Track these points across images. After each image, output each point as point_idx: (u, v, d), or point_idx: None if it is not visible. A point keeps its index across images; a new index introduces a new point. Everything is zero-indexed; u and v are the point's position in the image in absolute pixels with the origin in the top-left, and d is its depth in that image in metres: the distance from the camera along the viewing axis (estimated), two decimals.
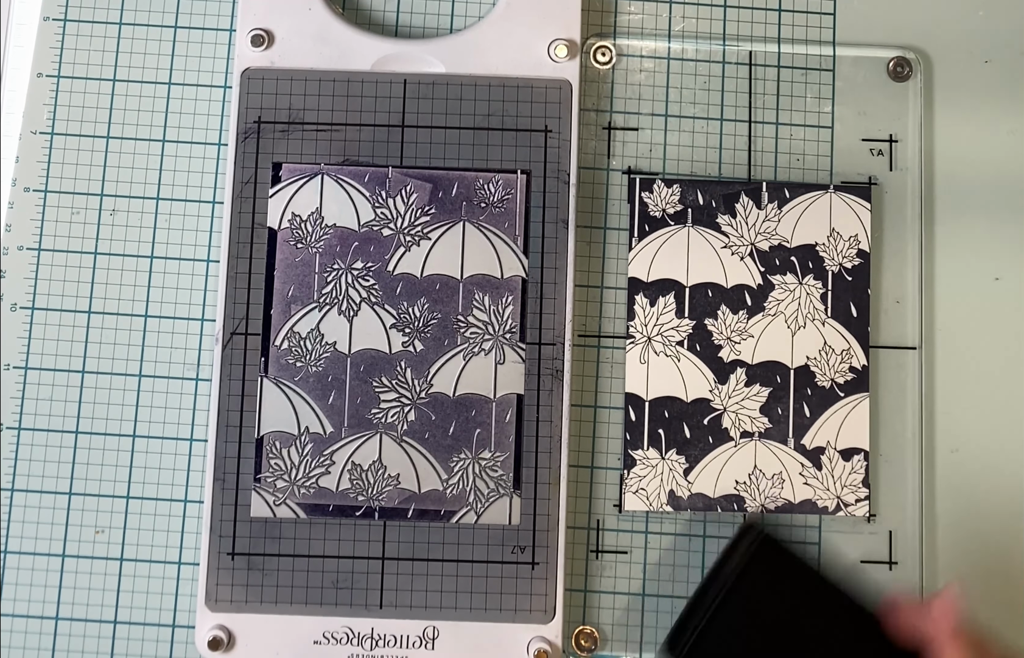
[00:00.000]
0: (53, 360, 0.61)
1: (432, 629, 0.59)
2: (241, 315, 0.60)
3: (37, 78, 0.64)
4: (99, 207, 0.63)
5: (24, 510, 0.60)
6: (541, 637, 0.58)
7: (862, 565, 0.61)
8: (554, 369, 0.60)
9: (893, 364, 0.62)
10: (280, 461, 0.59)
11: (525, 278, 0.61)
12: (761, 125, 0.64)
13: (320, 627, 0.58)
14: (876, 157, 0.63)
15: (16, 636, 0.59)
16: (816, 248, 0.62)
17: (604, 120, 0.64)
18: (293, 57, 0.62)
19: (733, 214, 0.62)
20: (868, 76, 0.64)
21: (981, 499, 0.62)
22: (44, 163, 0.63)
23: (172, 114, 0.63)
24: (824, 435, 0.61)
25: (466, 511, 0.59)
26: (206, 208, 0.63)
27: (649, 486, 0.60)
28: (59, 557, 0.60)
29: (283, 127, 0.61)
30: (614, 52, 0.64)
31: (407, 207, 0.61)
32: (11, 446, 0.61)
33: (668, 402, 0.61)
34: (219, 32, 0.64)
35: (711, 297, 0.62)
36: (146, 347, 0.62)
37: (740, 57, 0.64)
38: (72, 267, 0.62)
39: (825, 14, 0.65)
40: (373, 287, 0.61)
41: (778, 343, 0.61)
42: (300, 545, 0.59)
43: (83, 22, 0.64)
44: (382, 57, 0.62)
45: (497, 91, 0.62)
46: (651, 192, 0.62)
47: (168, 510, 0.60)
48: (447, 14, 0.65)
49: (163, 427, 0.61)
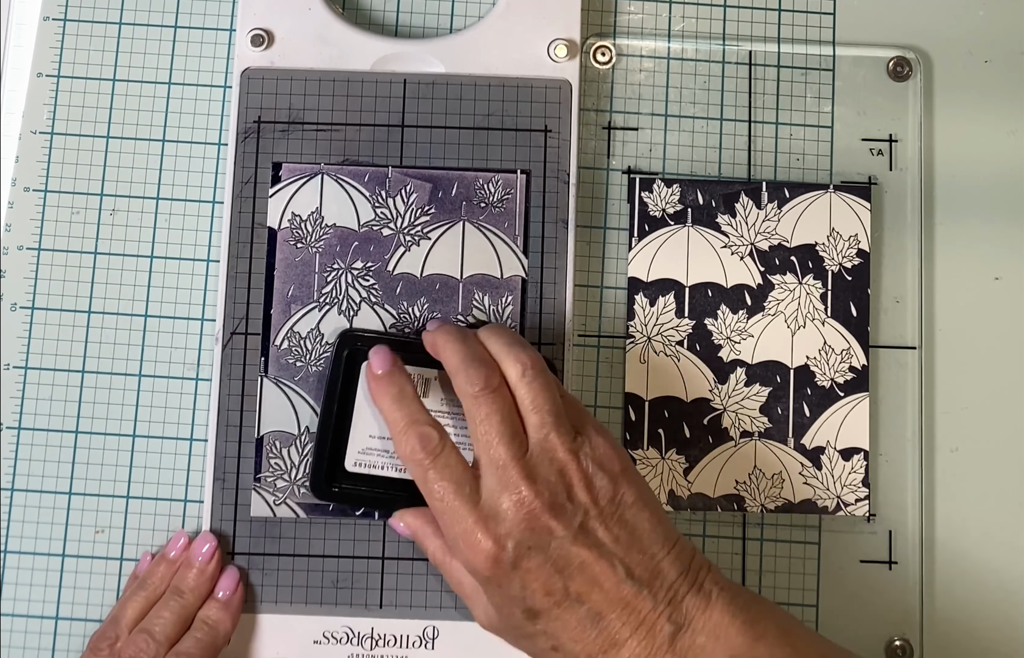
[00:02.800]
0: (53, 360, 0.61)
1: (432, 629, 0.59)
2: (241, 315, 0.60)
3: (37, 78, 0.64)
4: (99, 207, 0.63)
5: (24, 510, 0.60)
6: None
7: (862, 565, 0.61)
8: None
9: (893, 364, 0.62)
10: (280, 461, 0.59)
11: (525, 278, 0.61)
12: (761, 125, 0.64)
13: (320, 627, 0.58)
14: (876, 157, 0.63)
15: (16, 636, 0.59)
16: (816, 248, 0.62)
17: (604, 120, 0.64)
18: (293, 57, 0.62)
19: (733, 214, 0.62)
20: (868, 76, 0.64)
21: (981, 499, 0.62)
22: (44, 163, 0.63)
23: (172, 114, 0.63)
24: (824, 435, 0.61)
25: None
26: (206, 208, 0.63)
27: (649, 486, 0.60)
28: (59, 557, 0.60)
29: (283, 127, 0.61)
30: (614, 52, 0.64)
31: (407, 207, 0.61)
32: (11, 446, 0.61)
33: (668, 402, 0.61)
34: (219, 32, 0.64)
35: (711, 297, 0.62)
36: (146, 347, 0.62)
37: (740, 57, 0.64)
38: (72, 267, 0.62)
39: (825, 14, 0.65)
40: (373, 287, 0.60)
41: (778, 343, 0.61)
42: (300, 545, 0.59)
43: (83, 22, 0.64)
44: (382, 57, 0.62)
45: (497, 91, 0.62)
46: (651, 192, 0.62)
47: (168, 510, 0.60)
48: (447, 14, 0.65)
49: (163, 427, 0.61)
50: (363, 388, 0.57)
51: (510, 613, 0.52)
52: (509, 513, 0.51)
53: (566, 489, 0.51)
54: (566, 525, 0.51)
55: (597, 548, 0.51)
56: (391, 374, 0.55)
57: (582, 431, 0.53)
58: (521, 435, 0.52)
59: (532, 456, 0.52)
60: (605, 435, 0.53)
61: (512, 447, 0.51)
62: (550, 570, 0.50)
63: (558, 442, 0.52)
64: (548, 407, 0.52)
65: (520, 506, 0.50)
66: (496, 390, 0.52)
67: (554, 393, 0.53)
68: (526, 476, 0.51)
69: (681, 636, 0.50)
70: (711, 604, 0.51)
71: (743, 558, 0.61)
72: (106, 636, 0.56)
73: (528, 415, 0.52)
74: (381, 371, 0.55)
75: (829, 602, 0.60)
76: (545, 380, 0.53)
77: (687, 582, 0.51)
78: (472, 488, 0.52)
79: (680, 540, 0.52)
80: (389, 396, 0.54)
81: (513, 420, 0.52)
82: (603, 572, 0.50)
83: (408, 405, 0.54)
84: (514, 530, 0.50)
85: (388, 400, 0.54)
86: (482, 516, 0.51)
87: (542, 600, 0.51)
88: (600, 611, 0.50)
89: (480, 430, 0.52)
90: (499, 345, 0.54)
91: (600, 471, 0.52)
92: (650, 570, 0.51)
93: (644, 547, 0.51)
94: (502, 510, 0.51)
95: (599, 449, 0.52)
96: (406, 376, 0.55)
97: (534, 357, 0.53)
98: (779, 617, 0.52)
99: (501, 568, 0.51)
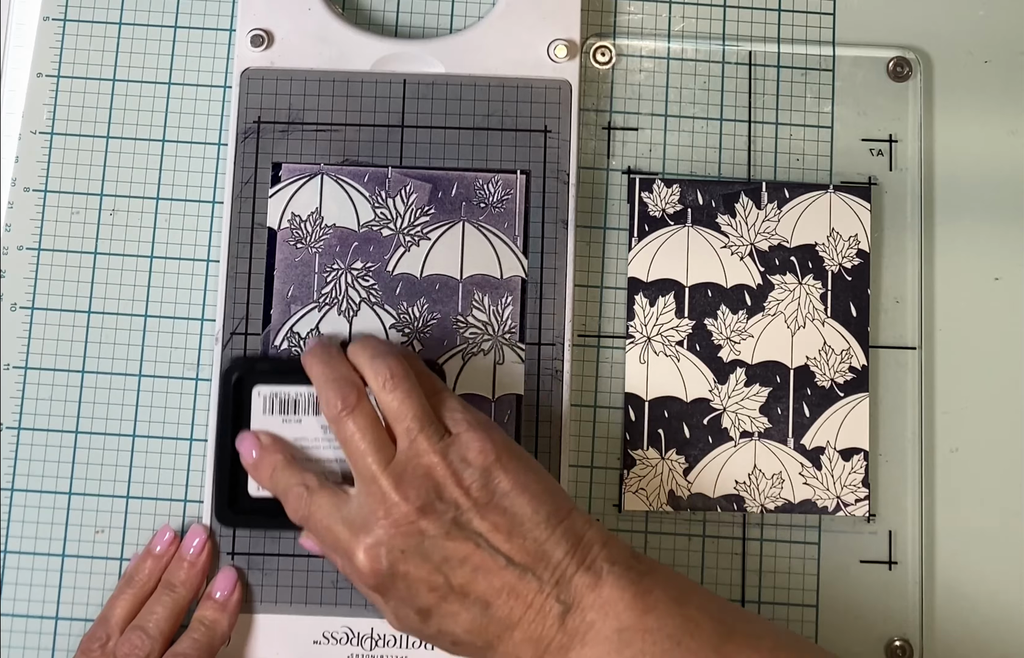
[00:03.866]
0: (53, 360, 0.61)
1: None
2: (241, 315, 0.60)
3: (37, 78, 0.64)
4: (99, 207, 0.63)
5: (24, 510, 0.60)
6: None
7: (862, 565, 0.61)
8: (553, 369, 0.60)
9: (893, 364, 0.62)
10: None
11: (525, 278, 0.61)
12: (761, 125, 0.64)
13: (320, 627, 0.58)
14: (876, 157, 0.63)
15: (16, 636, 0.59)
16: (816, 248, 0.62)
17: (604, 120, 0.64)
18: (293, 57, 0.62)
19: (733, 214, 0.62)
20: (868, 76, 0.64)
21: (981, 499, 0.62)
22: (44, 163, 0.63)
23: (172, 114, 0.63)
24: (824, 435, 0.61)
25: None
26: (206, 208, 0.63)
27: (649, 486, 0.60)
28: (59, 557, 0.60)
29: (283, 127, 0.61)
30: (614, 52, 0.64)
31: (407, 207, 0.61)
32: (11, 446, 0.61)
33: (668, 402, 0.61)
34: (219, 32, 0.64)
35: (711, 297, 0.62)
36: (146, 347, 0.62)
37: (740, 57, 0.64)
38: (72, 267, 0.62)
39: (825, 14, 0.65)
40: (373, 287, 0.60)
41: (778, 343, 0.61)
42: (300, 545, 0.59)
43: (83, 22, 0.64)
44: (382, 57, 0.62)
45: (497, 91, 0.62)
46: (651, 192, 0.62)
47: (168, 510, 0.60)
48: (447, 14, 0.65)
49: (163, 427, 0.61)
50: (256, 414, 0.57)
51: (406, 615, 0.53)
52: (380, 524, 0.52)
53: (435, 489, 0.52)
54: (437, 524, 0.51)
55: (474, 539, 0.51)
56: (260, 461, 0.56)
57: (453, 428, 0.53)
58: (388, 446, 0.53)
59: (399, 464, 0.53)
60: (480, 429, 0.54)
61: (378, 459, 0.53)
62: (429, 569, 0.51)
63: (425, 446, 0.53)
64: (412, 413, 0.53)
65: (388, 514, 0.52)
66: (356, 408, 0.54)
67: (417, 398, 0.53)
68: (394, 485, 0.52)
69: (571, 615, 0.51)
70: (601, 581, 0.51)
71: (743, 558, 0.61)
72: (96, 637, 0.56)
73: (394, 424, 0.53)
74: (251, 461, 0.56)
75: (829, 602, 0.60)
76: (407, 386, 0.54)
77: (575, 561, 0.52)
78: (347, 512, 0.53)
79: (570, 518, 0.53)
80: (266, 479, 0.56)
81: (377, 433, 0.53)
82: (482, 562, 0.51)
83: (281, 477, 0.55)
84: (385, 539, 0.52)
85: (266, 481, 0.56)
86: (355, 533, 0.52)
87: (427, 597, 0.52)
88: (487, 599, 0.51)
89: (348, 449, 0.54)
90: (363, 358, 0.55)
91: (468, 466, 0.52)
92: (532, 553, 0.51)
93: (524, 531, 0.52)
94: (373, 522, 0.52)
95: (470, 444, 0.53)
96: (273, 452, 0.56)
97: (395, 364, 0.54)
98: (674, 586, 0.52)
99: (380, 578, 0.52)
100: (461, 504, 0.52)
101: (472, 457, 0.52)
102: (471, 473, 0.52)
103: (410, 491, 0.52)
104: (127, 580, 0.58)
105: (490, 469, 0.52)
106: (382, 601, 0.53)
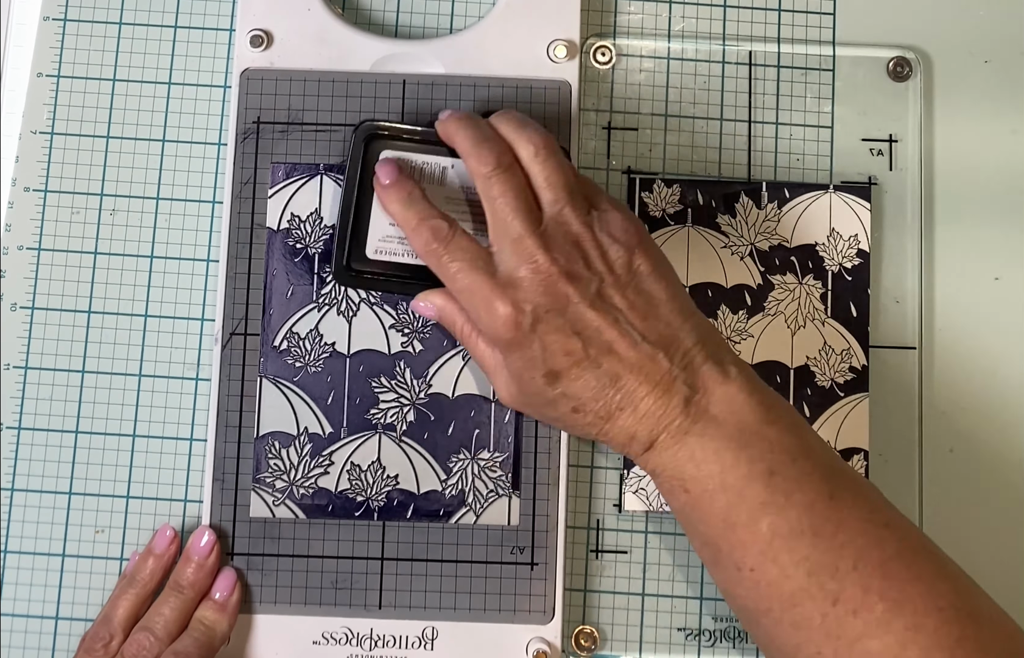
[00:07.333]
0: (53, 360, 0.61)
1: (431, 629, 0.59)
2: (240, 315, 0.60)
3: (37, 78, 0.64)
4: (99, 207, 0.63)
5: (24, 510, 0.60)
6: (540, 638, 0.58)
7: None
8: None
9: (893, 364, 0.62)
10: (279, 461, 0.59)
11: None
12: (761, 125, 0.64)
13: (319, 627, 0.58)
14: (876, 157, 0.63)
15: (16, 636, 0.59)
16: (816, 248, 0.62)
17: (604, 120, 0.64)
18: (293, 57, 0.62)
19: (733, 214, 0.62)
20: (868, 76, 0.64)
21: (981, 499, 0.62)
22: (44, 163, 0.63)
23: (172, 114, 0.63)
24: (824, 434, 0.61)
25: (465, 511, 0.59)
26: (206, 208, 0.63)
27: (649, 486, 0.60)
28: (59, 557, 0.60)
29: (282, 127, 0.61)
30: (614, 52, 0.64)
31: None
32: (11, 446, 0.61)
33: None
34: (219, 32, 0.64)
35: (711, 297, 0.62)
36: (146, 347, 0.62)
37: (740, 57, 0.64)
38: (72, 267, 0.62)
39: (825, 14, 0.65)
40: None
41: (778, 343, 0.61)
42: (299, 545, 0.59)
43: (83, 22, 0.64)
44: (382, 57, 0.62)
45: (497, 91, 0.62)
46: (651, 192, 0.62)
47: (168, 510, 0.60)
48: (447, 14, 0.65)
49: (163, 427, 0.61)
50: None
51: (531, 379, 0.53)
52: (526, 280, 0.52)
53: (582, 258, 0.53)
54: (582, 291, 0.52)
55: (613, 313, 0.52)
56: (398, 182, 0.56)
57: (596, 206, 0.55)
58: (535, 210, 0.54)
59: (547, 229, 0.53)
60: (621, 209, 0.55)
61: (527, 221, 0.53)
62: (568, 332, 0.52)
63: (572, 215, 0.54)
64: (561, 183, 0.54)
65: (536, 272, 0.52)
66: (508, 168, 0.54)
67: (567, 170, 0.55)
68: (541, 246, 0.53)
69: (695, 402, 0.52)
70: (729, 379, 0.52)
71: None
72: (99, 636, 0.56)
73: (542, 192, 0.54)
74: (388, 182, 0.56)
75: None
76: (558, 160, 0.55)
77: (704, 352, 0.53)
78: (486, 262, 0.54)
79: (698, 315, 0.54)
80: (399, 201, 0.56)
81: (527, 196, 0.54)
82: (618, 336, 0.52)
83: (417, 205, 0.56)
84: (531, 295, 0.52)
85: (398, 205, 0.56)
86: (499, 284, 0.53)
87: (561, 360, 0.52)
88: (617, 373, 0.52)
89: (494, 208, 0.54)
90: (511, 127, 0.56)
91: (615, 242, 0.53)
92: (665, 336, 0.53)
93: (660, 314, 0.53)
94: (519, 277, 0.53)
95: (614, 222, 0.54)
96: (412, 181, 0.57)
97: (546, 137, 0.55)
98: (793, 413, 0.54)
99: (521, 331, 0.52)
100: (604, 277, 0.53)
101: (618, 234, 0.54)
102: (616, 249, 0.53)
103: (558, 255, 0.53)
104: (129, 580, 0.58)
105: (633, 249, 0.53)
106: (504, 361, 0.54)
